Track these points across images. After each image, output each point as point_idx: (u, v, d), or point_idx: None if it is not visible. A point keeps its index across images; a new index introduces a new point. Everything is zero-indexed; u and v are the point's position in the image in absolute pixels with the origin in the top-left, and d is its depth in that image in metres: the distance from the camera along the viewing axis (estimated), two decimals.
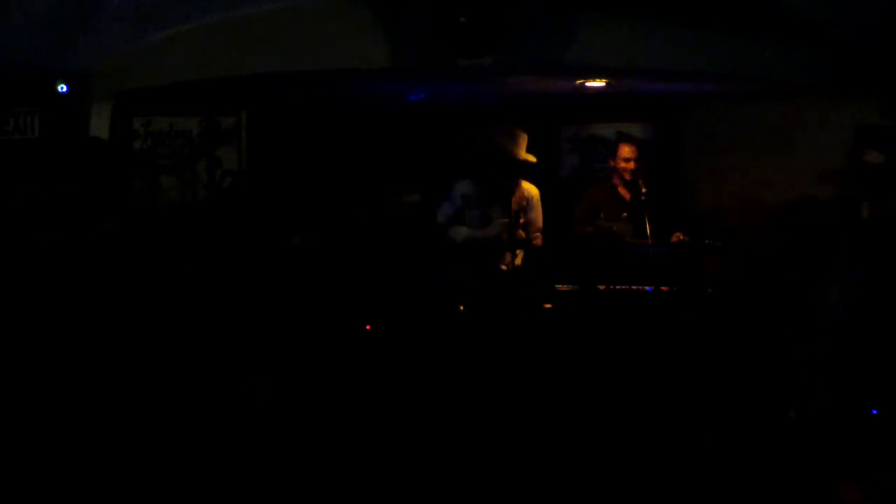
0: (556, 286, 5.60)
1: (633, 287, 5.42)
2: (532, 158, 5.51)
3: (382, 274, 5.98)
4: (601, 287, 5.42)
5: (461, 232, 5.71)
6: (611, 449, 4.46)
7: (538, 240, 5.75)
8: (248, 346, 5.61)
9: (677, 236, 5.62)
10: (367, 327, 5.76)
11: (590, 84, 5.87)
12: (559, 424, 4.74)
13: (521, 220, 5.61)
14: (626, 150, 5.96)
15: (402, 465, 4.34)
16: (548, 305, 5.57)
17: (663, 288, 5.41)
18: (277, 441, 4.55)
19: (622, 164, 5.93)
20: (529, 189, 5.70)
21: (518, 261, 5.61)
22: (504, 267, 5.59)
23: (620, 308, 5.38)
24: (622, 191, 5.99)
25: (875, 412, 4.24)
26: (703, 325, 5.19)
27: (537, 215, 5.72)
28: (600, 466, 4.30)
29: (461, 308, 5.49)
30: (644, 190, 5.66)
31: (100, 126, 5.90)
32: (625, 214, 5.67)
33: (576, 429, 4.68)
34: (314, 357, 5.59)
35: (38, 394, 4.58)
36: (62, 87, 5.55)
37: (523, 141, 5.50)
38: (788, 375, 4.41)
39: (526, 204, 5.65)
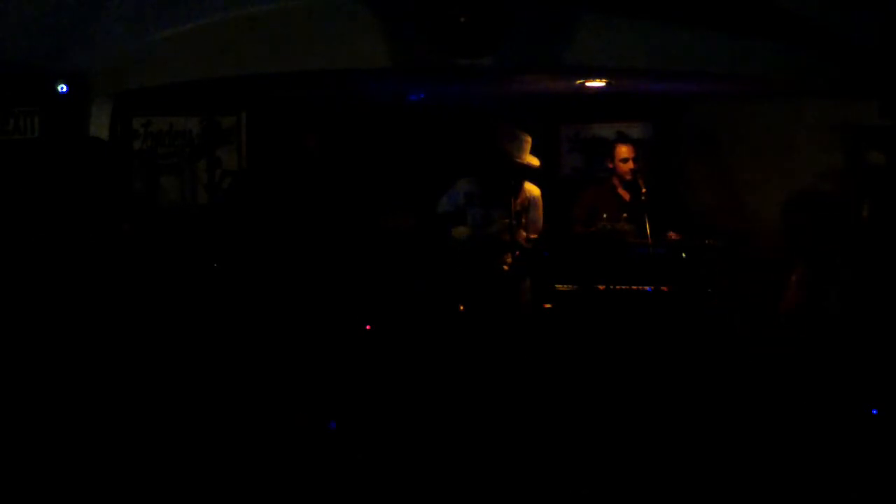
0: (556, 286, 5.61)
1: (633, 287, 5.43)
2: (535, 162, 5.50)
3: (383, 274, 5.99)
4: (601, 287, 5.42)
5: (462, 231, 5.70)
6: (611, 448, 4.46)
7: (535, 237, 5.75)
8: (249, 346, 5.61)
9: (670, 236, 5.62)
10: (368, 327, 5.76)
11: (590, 84, 5.87)
12: (559, 424, 4.74)
13: (523, 221, 5.61)
14: (623, 151, 5.97)
15: (403, 464, 4.34)
16: (548, 305, 5.57)
17: (663, 288, 5.42)
18: (278, 440, 4.55)
19: (620, 165, 5.94)
20: (531, 189, 5.70)
21: (518, 261, 5.61)
22: (504, 267, 5.58)
23: (620, 308, 5.38)
24: (622, 192, 6.00)
25: (875, 412, 4.24)
26: (703, 325, 5.20)
27: (538, 216, 5.72)
28: (600, 465, 4.30)
29: (461, 308, 5.49)
30: (644, 190, 5.66)
31: (100, 126, 5.90)
32: (625, 215, 5.67)
33: (576, 428, 4.68)
34: (314, 356, 5.59)
35: (36, 395, 4.59)
36: (62, 87, 5.55)
37: (527, 144, 5.48)
38: (787, 374, 4.41)
39: (528, 204, 5.64)
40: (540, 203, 5.73)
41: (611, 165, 6.05)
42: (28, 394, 4.57)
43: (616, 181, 6.02)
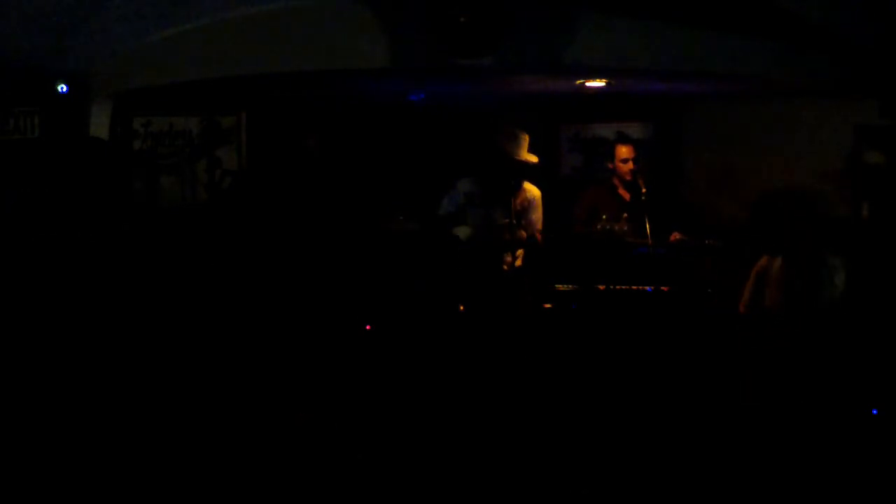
0: (556, 286, 5.61)
1: (633, 287, 5.43)
2: (534, 159, 5.51)
3: (383, 274, 5.99)
4: (601, 287, 5.42)
5: (463, 231, 5.70)
6: (611, 448, 4.46)
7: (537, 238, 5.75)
8: (249, 346, 5.61)
9: (675, 236, 5.64)
10: (368, 327, 5.76)
11: (590, 84, 5.87)
12: (559, 424, 4.74)
13: (523, 221, 5.61)
14: (623, 151, 5.98)
15: (403, 464, 4.34)
16: (548, 305, 5.58)
17: (663, 288, 5.42)
18: (278, 440, 4.56)
19: (620, 166, 5.95)
20: (531, 190, 5.70)
21: (518, 261, 5.61)
22: (504, 267, 5.59)
23: (620, 308, 5.38)
24: (622, 192, 6.00)
25: (875, 412, 4.24)
26: (703, 325, 5.20)
27: (538, 216, 5.72)
28: (600, 465, 4.30)
29: (461, 308, 5.49)
30: (644, 190, 5.66)
31: (100, 126, 5.90)
32: (625, 215, 5.67)
33: (576, 428, 4.68)
34: (314, 356, 5.60)
35: (36, 394, 4.59)
36: (62, 87, 5.55)
37: (525, 142, 5.49)
38: (787, 375, 4.42)
39: (528, 204, 5.64)
40: (540, 204, 5.73)
41: (611, 165, 6.06)
42: (28, 393, 4.57)
43: (616, 181, 6.03)
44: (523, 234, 5.59)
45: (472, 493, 4.09)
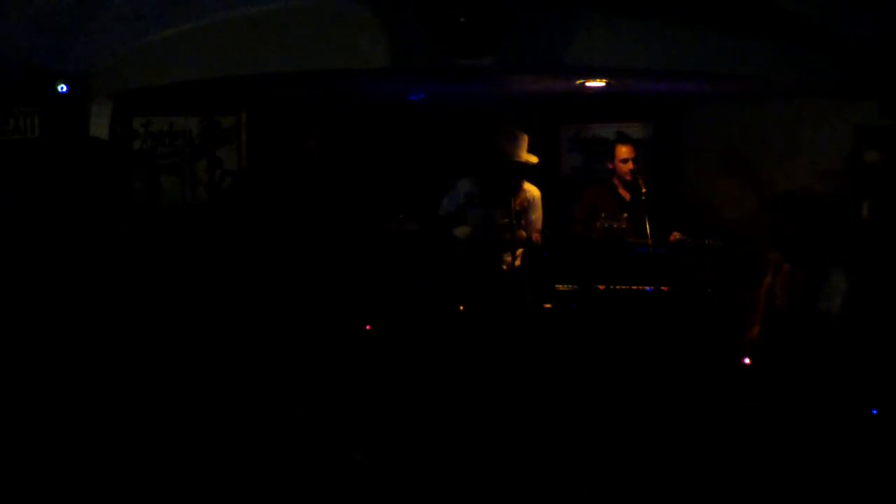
0: (556, 286, 5.61)
1: (633, 287, 5.43)
2: (533, 159, 5.52)
3: (383, 274, 5.99)
4: (601, 287, 5.42)
5: (462, 231, 5.71)
6: (611, 448, 4.46)
7: (537, 238, 5.75)
8: (249, 346, 5.61)
9: (675, 236, 5.64)
10: (368, 327, 5.77)
11: (590, 84, 5.87)
12: (559, 424, 4.74)
13: (523, 221, 5.61)
14: (623, 151, 5.98)
15: (402, 464, 4.34)
16: (548, 305, 5.58)
17: (663, 288, 5.42)
18: (278, 440, 4.56)
19: (620, 165, 5.95)
20: (531, 190, 5.70)
21: (518, 261, 5.61)
22: (504, 267, 5.59)
23: (620, 308, 5.38)
24: (622, 192, 6.00)
25: (875, 412, 4.24)
26: (703, 325, 5.20)
27: (538, 216, 5.72)
28: (600, 465, 4.30)
29: (461, 308, 5.50)
30: (644, 190, 5.67)
31: (100, 126, 5.90)
32: (625, 215, 5.67)
33: (576, 428, 4.68)
34: (314, 356, 5.60)
35: (36, 393, 4.59)
36: (62, 87, 5.55)
37: (524, 142, 5.50)
38: (787, 375, 4.42)
39: (528, 205, 5.65)
40: (539, 204, 5.74)
41: (611, 165, 6.06)
42: (28, 392, 4.58)
43: (616, 181, 6.03)
44: (523, 234, 5.59)
45: (472, 492, 4.09)
